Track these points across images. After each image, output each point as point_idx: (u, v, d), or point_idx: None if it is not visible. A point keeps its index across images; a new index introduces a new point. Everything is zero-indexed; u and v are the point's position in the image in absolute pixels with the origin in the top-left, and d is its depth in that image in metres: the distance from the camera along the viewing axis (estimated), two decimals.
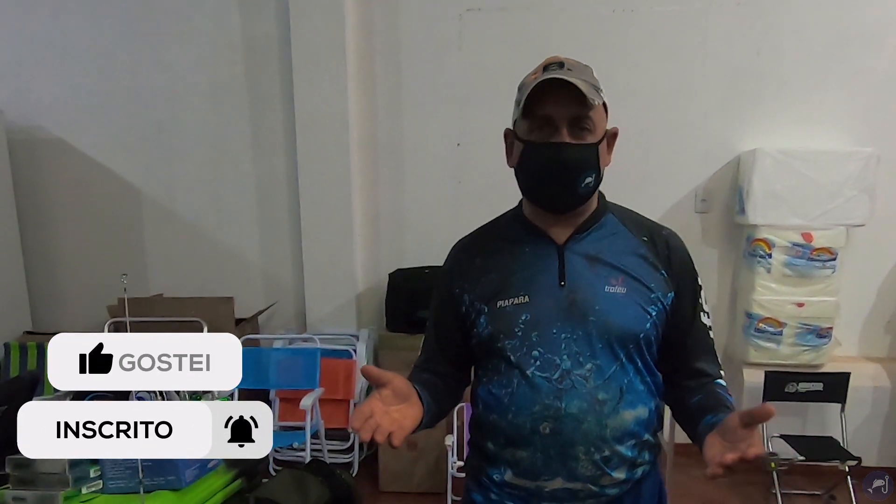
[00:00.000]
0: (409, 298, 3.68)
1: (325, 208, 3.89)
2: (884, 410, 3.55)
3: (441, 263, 1.32)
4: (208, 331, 3.65)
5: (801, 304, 3.51)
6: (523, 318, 1.17)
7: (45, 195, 4.24)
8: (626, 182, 3.64)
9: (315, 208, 3.90)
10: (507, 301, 1.18)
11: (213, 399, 1.81)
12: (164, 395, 1.62)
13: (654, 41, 3.76)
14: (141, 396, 1.57)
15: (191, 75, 4.03)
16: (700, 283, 1.26)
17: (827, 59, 3.63)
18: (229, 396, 2.06)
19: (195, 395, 1.77)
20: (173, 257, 4.21)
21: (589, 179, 1.16)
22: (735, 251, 3.82)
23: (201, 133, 4.08)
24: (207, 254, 4.16)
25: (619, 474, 1.18)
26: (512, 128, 1.22)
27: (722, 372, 1.26)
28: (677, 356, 1.24)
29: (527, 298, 1.17)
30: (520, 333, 1.17)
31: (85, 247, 4.26)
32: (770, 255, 3.52)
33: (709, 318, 1.26)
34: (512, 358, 1.17)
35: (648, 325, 1.17)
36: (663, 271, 1.21)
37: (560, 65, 1.15)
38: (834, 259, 3.48)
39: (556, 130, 1.13)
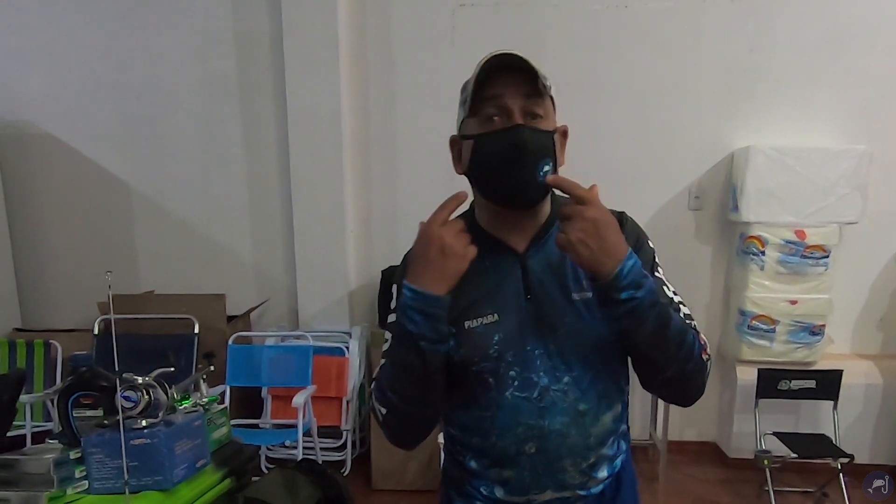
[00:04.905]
0: None
1: (318, 204, 3.86)
2: (876, 407, 3.55)
3: None
4: (199, 328, 3.63)
5: (794, 302, 3.51)
6: (496, 338, 1.11)
7: (33, 191, 4.20)
8: (618, 180, 3.64)
9: (307, 204, 3.88)
10: (475, 321, 1.12)
11: (201, 398, 1.79)
12: (150, 394, 1.60)
13: (647, 38, 3.74)
14: (127, 396, 1.55)
15: (182, 69, 3.99)
16: (657, 260, 1.19)
17: (820, 56, 3.63)
18: (218, 396, 2.04)
19: (184, 395, 1.75)
20: (164, 254, 4.18)
21: (547, 168, 1.08)
22: (728, 249, 3.82)
23: (192, 128, 4.05)
24: (198, 250, 4.13)
25: (603, 473, 1.18)
26: (457, 134, 1.15)
27: (691, 322, 1.13)
28: None
29: (496, 317, 1.11)
30: (495, 355, 1.11)
31: (75, 243, 4.22)
32: (763, 253, 3.51)
33: (675, 294, 1.17)
34: (490, 381, 1.11)
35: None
36: None
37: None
38: (827, 256, 3.48)
39: (510, 117, 1.07)
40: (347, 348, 3.75)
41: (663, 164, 3.82)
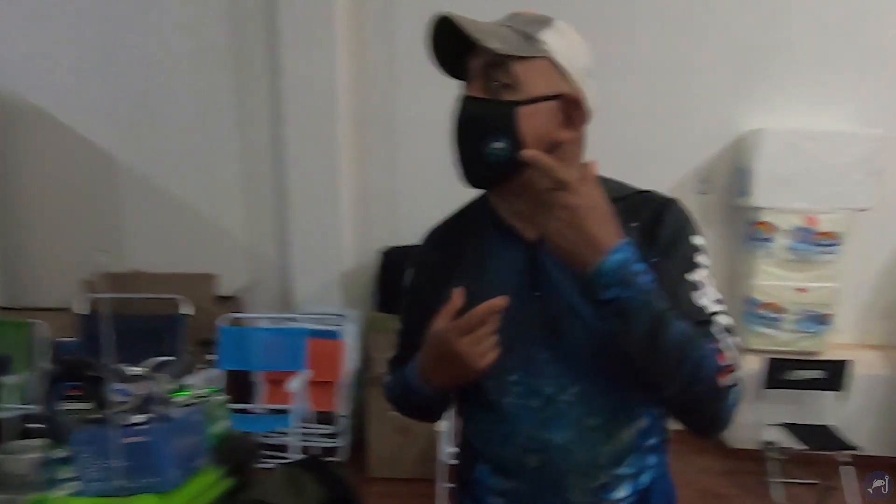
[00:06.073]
0: (401, 278, 3.53)
1: (313, 181, 3.74)
2: (881, 399, 3.49)
3: None
4: (189, 309, 3.50)
5: (802, 290, 3.44)
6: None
7: (16, 165, 4.03)
8: (624, 161, 3.48)
9: (302, 181, 3.75)
10: None
11: (197, 390, 1.67)
12: (144, 386, 1.47)
13: (656, 13, 3.63)
14: (119, 389, 1.42)
15: (173, 40, 3.84)
16: (699, 260, 1.00)
17: (835, 36, 3.52)
18: (217, 387, 1.91)
19: (180, 386, 1.63)
20: (152, 231, 4.04)
21: (498, 145, 0.94)
22: (735, 235, 3.73)
23: (183, 101, 3.90)
24: (188, 228, 4.00)
25: (621, 493, 1.03)
26: None
27: (724, 339, 0.96)
28: None
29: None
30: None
31: (59, 220, 4.06)
32: (772, 239, 3.43)
33: (718, 304, 0.99)
34: (488, 384, 1.02)
35: None
36: (655, 258, 0.97)
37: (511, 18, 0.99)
38: (837, 244, 3.41)
39: (469, 85, 0.98)
40: (343, 331, 3.63)
41: (671, 145, 3.72)
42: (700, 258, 1.01)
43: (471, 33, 0.91)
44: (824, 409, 3.44)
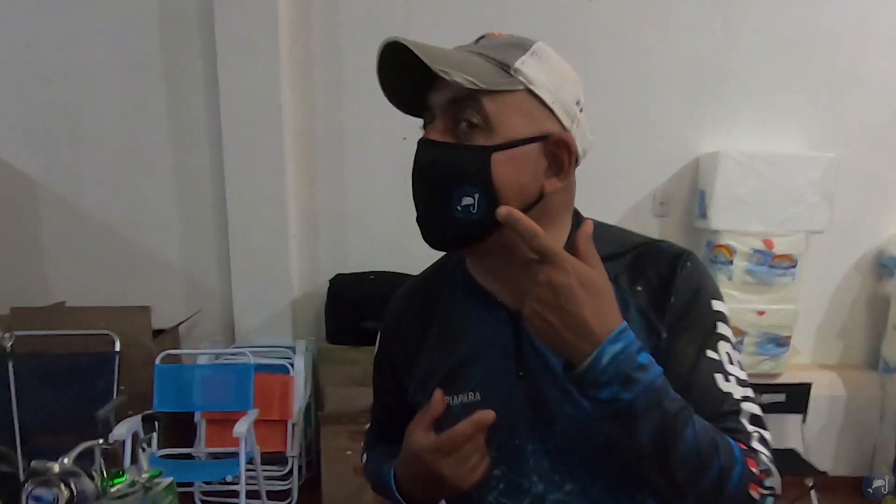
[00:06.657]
0: (353, 307, 3.37)
1: (256, 205, 3.53)
2: (839, 419, 3.53)
3: (387, 268, 1.02)
4: (121, 345, 3.22)
5: (761, 313, 3.43)
6: None
7: None
8: (580, 183, 3.42)
9: (244, 205, 3.53)
10: (454, 399, 0.87)
11: (140, 475, 1.45)
12: (71, 486, 1.24)
13: (613, 33, 3.57)
14: (38, 496, 1.18)
15: (99, 51, 3.55)
16: (721, 332, 0.85)
17: (787, 59, 3.53)
18: (160, 470, 1.69)
19: (116, 474, 1.40)
20: (78, 260, 3.71)
21: (468, 200, 0.77)
22: None
23: (112, 118, 3.61)
24: (119, 256, 3.70)
25: None
26: None
27: (754, 436, 0.80)
28: None
29: (478, 396, 0.86)
30: None
31: None
32: (732, 262, 3.41)
33: (741, 385, 0.83)
34: None
35: None
36: (666, 332, 0.83)
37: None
38: (794, 266, 3.41)
39: (430, 126, 0.82)
40: (292, 365, 3.41)
41: (627, 167, 3.65)
42: (722, 328, 0.85)
43: (431, 64, 0.74)
44: (786, 432, 3.43)
